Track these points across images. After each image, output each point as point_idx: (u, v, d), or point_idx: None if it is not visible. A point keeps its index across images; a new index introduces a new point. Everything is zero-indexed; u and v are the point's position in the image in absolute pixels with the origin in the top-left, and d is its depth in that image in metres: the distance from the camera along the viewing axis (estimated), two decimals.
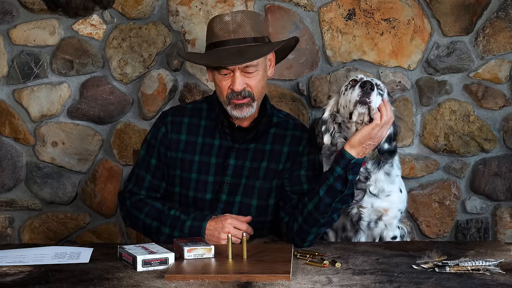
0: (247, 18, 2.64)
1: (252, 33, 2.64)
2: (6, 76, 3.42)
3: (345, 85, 2.68)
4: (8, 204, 3.48)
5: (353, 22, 3.38)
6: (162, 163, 2.75)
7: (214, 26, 2.65)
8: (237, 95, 2.62)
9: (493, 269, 2.22)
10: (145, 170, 2.76)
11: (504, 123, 3.43)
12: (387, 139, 2.65)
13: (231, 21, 2.63)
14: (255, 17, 2.69)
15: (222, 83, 2.64)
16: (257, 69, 2.63)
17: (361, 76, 2.64)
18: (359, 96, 2.53)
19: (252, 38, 2.64)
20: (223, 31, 2.63)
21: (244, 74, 2.61)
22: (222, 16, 2.65)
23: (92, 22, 3.40)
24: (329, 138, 2.70)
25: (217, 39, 2.65)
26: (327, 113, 2.73)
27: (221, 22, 2.64)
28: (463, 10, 3.37)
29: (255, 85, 2.64)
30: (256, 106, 2.67)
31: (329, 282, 2.13)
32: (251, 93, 2.63)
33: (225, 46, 2.63)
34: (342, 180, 2.54)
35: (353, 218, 2.78)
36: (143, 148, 2.80)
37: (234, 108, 2.65)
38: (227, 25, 2.63)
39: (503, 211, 3.47)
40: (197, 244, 2.39)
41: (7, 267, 2.30)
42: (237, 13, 2.65)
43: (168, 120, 2.77)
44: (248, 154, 2.73)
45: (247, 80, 2.63)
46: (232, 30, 2.62)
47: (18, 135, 3.45)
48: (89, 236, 3.50)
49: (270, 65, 2.74)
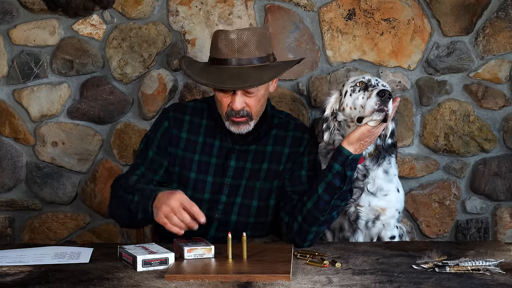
0: (252, 37, 2.60)
1: (257, 53, 2.61)
2: (6, 76, 3.42)
3: (350, 86, 2.67)
4: (8, 204, 3.48)
5: (353, 22, 3.38)
6: (160, 156, 2.73)
7: (218, 41, 2.61)
8: (236, 114, 2.62)
9: (493, 269, 2.22)
10: (141, 160, 2.74)
11: (504, 123, 3.43)
12: (390, 134, 2.70)
13: (237, 39, 2.58)
14: (261, 35, 2.64)
15: (222, 100, 2.63)
16: (258, 89, 2.61)
17: (368, 78, 2.65)
18: (377, 105, 2.50)
19: (256, 58, 2.61)
20: (227, 48, 2.59)
21: (245, 93, 2.61)
22: (228, 33, 2.60)
23: (92, 22, 3.40)
24: (329, 136, 2.71)
25: (221, 56, 2.61)
26: (328, 111, 2.73)
27: (226, 38, 2.59)
28: (463, 10, 3.37)
29: (254, 104, 2.63)
30: (253, 123, 2.66)
31: (329, 282, 2.13)
32: (249, 113, 2.63)
33: (228, 65, 2.60)
34: (340, 176, 2.55)
35: (351, 217, 2.78)
36: (142, 142, 2.79)
37: (232, 125, 2.65)
38: (232, 43, 2.59)
39: (503, 211, 3.47)
40: (197, 244, 2.39)
41: (7, 267, 2.30)
42: (244, 31, 2.60)
43: (170, 115, 2.77)
44: (249, 155, 2.73)
45: (247, 100, 2.62)
46: (237, 49, 2.59)
47: (18, 135, 3.45)
48: (89, 236, 3.50)
49: (273, 82, 2.71)
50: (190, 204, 2.41)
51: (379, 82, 2.66)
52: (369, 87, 2.61)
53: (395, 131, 2.73)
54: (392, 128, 2.71)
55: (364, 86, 2.63)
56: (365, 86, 2.63)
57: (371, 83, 2.63)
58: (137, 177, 2.71)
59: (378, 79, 2.67)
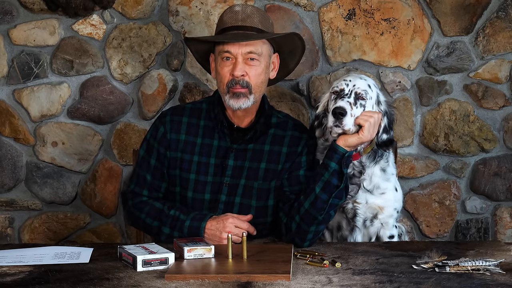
0: (256, 12, 2.70)
1: (259, 25, 2.68)
2: (6, 76, 3.42)
3: (330, 92, 2.72)
4: (8, 204, 3.48)
5: (353, 22, 3.38)
6: (161, 163, 2.75)
7: (224, 15, 2.71)
8: (236, 84, 2.63)
9: (493, 269, 2.22)
10: (145, 170, 2.76)
11: (504, 123, 3.43)
12: (384, 129, 2.70)
13: (241, 11, 2.68)
14: (265, 15, 2.74)
15: (223, 69, 2.66)
16: (259, 60, 2.65)
17: (342, 87, 2.67)
18: (332, 123, 2.60)
19: (258, 29, 2.67)
20: (232, 19, 2.68)
21: (246, 61, 2.64)
22: (233, 6, 2.71)
23: (92, 22, 3.40)
24: (321, 132, 2.76)
25: (225, 25, 2.70)
26: (320, 109, 2.78)
27: (231, 11, 2.70)
28: (463, 10, 3.37)
29: (254, 76, 2.65)
30: (252, 100, 2.67)
31: (329, 282, 2.13)
32: (249, 83, 2.64)
33: (232, 31, 2.67)
34: (337, 174, 2.56)
35: (348, 214, 2.78)
36: (142, 147, 2.80)
37: (232, 97, 2.65)
38: (237, 14, 2.68)
39: (503, 211, 3.47)
40: (197, 244, 2.39)
41: (7, 267, 2.30)
42: (248, 5, 2.72)
43: (167, 119, 2.77)
44: (247, 154, 2.73)
45: (248, 69, 2.64)
46: (241, 19, 2.67)
47: (18, 135, 3.45)
48: (89, 236, 3.50)
49: (274, 68, 2.75)
50: (242, 223, 2.60)
51: (354, 90, 2.65)
52: (338, 97, 2.65)
53: (388, 126, 2.71)
54: (384, 124, 2.70)
55: (336, 95, 2.67)
56: (337, 95, 2.66)
57: (344, 92, 2.65)
58: (147, 192, 2.76)
59: (355, 85, 2.66)
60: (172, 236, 2.62)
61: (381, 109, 2.71)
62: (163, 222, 2.67)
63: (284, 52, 2.78)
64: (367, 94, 2.66)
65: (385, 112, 2.71)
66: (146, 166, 2.76)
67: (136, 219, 2.74)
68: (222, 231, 2.57)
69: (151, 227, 2.70)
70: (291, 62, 2.84)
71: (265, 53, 2.67)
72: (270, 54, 2.71)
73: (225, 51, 2.64)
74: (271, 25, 2.74)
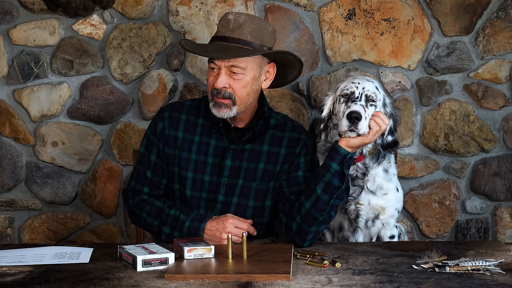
0: (249, 22, 2.63)
1: (249, 36, 2.62)
2: (6, 76, 3.42)
3: (339, 94, 2.71)
4: (8, 204, 3.48)
5: (353, 22, 3.38)
6: (161, 159, 2.75)
7: (219, 21, 2.69)
8: (218, 94, 2.62)
9: (493, 269, 2.22)
10: (146, 166, 2.76)
11: (504, 123, 3.43)
12: (389, 131, 2.71)
13: (233, 20, 2.63)
14: (260, 25, 2.66)
15: (209, 78, 2.66)
16: (243, 73, 2.61)
17: (353, 90, 2.67)
18: (347, 127, 2.58)
19: (247, 42, 2.62)
20: (223, 27, 2.65)
21: (230, 74, 2.61)
22: (227, 14, 2.67)
23: (92, 22, 3.40)
24: (326, 134, 2.77)
25: (216, 33, 2.68)
26: (326, 112, 2.77)
27: (224, 19, 2.66)
28: (463, 10, 3.37)
29: (238, 89, 2.62)
30: (236, 111, 2.63)
31: (329, 282, 2.13)
32: (231, 95, 2.62)
33: (219, 41, 2.65)
34: (339, 175, 2.55)
35: (351, 215, 2.79)
36: (143, 144, 2.80)
37: (214, 106, 2.64)
38: (228, 23, 2.64)
39: (503, 211, 3.47)
40: (197, 244, 2.39)
41: (7, 267, 2.30)
42: (242, 14, 2.65)
43: (165, 115, 2.77)
44: (245, 155, 2.72)
45: (231, 81, 2.61)
46: (231, 28, 2.63)
47: (18, 135, 3.45)
48: (89, 236, 3.50)
49: (268, 78, 2.71)
50: (242, 224, 2.59)
51: (364, 92, 2.66)
52: (349, 101, 2.64)
53: (393, 128, 2.74)
54: (390, 126, 2.71)
55: (346, 98, 2.66)
56: (347, 98, 2.65)
57: (354, 95, 2.65)
58: (148, 189, 2.75)
59: (365, 87, 2.67)
60: (173, 235, 2.62)
61: (387, 111, 2.72)
62: (164, 222, 2.67)
63: (281, 63, 2.75)
64: (376, 96, 2.66)
65: (391, 114, 2.72)
66: (146, 163, 2.76)
67: (138, 218, 2.75)
68: (222, 232, 2.57)
69: (152, 226, 2.70)
70: (290, 74, 2.81)
71: (252, 65, 2.62)
72: (261, 65, 2.66)
73: (210, 61, 2.64)
74: (268, 34, 2.66)
